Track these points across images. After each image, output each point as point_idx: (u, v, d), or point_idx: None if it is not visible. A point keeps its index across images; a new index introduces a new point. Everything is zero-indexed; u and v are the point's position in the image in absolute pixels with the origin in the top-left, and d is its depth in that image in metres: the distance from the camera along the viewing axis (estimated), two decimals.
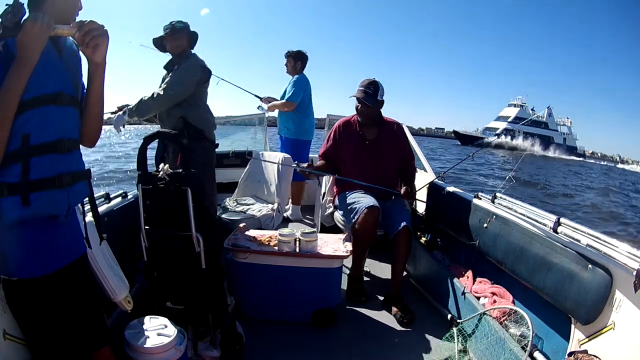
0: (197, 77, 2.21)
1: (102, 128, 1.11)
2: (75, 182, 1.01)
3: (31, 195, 0.90)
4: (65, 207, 0.98)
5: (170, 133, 1.57)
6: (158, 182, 1.39)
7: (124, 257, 1.61)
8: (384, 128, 2.37)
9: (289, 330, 1.85)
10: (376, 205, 2.11)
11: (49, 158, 0.94)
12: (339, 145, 2.40)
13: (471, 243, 1.98)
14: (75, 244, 1.08)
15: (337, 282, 1.97)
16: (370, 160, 2.33)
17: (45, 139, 0.93)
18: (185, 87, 2.18)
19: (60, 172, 0.96)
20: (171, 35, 2.19)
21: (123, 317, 1.46)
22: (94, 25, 0.91)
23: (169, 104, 2.19)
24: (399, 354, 1.72)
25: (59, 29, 0.90)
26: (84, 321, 1.05)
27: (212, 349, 1.55)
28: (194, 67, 2.21)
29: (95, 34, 0.91)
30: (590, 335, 1.27)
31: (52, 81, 0.95)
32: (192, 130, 2.20)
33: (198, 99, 2.28)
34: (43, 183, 0.92)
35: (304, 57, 3.49)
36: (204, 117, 2.30)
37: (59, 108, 0.96)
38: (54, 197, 0.95)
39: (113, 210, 1.78)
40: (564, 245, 1.42)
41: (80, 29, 0.90)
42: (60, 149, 0.96)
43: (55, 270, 0.97)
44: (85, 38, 0.91)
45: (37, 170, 0.91)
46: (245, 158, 3.47)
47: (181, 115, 2.20)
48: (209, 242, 1.45)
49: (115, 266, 1.46)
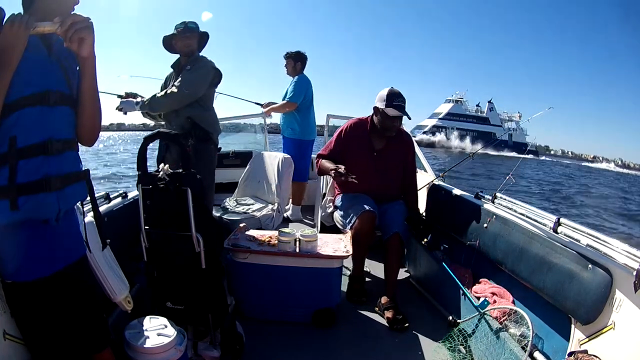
0: (210, 79, 2.21)
1: (99, 125, 1.07)
2: (66, 185, 0.97)
3: (20, 199, 0.88)
4: (55, 211, 0.95)
5: (170, 133, 1.56)
6: (158, 182, 1.39)
7: (124, 257, 1.61)
8: (394, 138, 2.30)
9: (289, 330, 1.85)
10: (371, 210, 2.12)
11: (36, 160, 0.91)
12: (345, 148, 2.33)
13: (471, 243, 1.98)
14: (74, 246, 1.05)
15: (337, 282, 1.97)
16: (376, 171, 2.28)
17: (32, 141, 0.90)
18: (199, 87, 2.17)
19: (49, 174, 0.93)
20: (183, 34, 2.19)
21: (123, 317, 1.46)
22: (77, 19, 0.86)
23: (181, 103, 2.18)
24: (399, 354, 1.72)
25: (40, 27, 0.85)
26: (84, 324, 1.04)
27: (212, 349, 1.55)
28: (208, 69, 2.21)
29: (78, 27, 0.85)
30: (590, 335, 1.27)
31: (39, 80, 0.91)
32: (199, 132, 2.20)
33: (207, 101, 2.28)
34: (31, 186, 0.89)
35: (304, 58, 3.49)
36: (211, 119, 2.30)
37: (46, 108, 0.92)
38: (42, 200, 0.92)
39: (113, 210, 1.78)
40: (564, 245, 1.42)
41: (62, 25, 0.85)
42: (49, 151, 0.92)
43: (50, 274, 0.95)
44: (68, 33, 0.85)
45: (24, 173, 0.89)
46: (245, 158, 3.47)
47: (189, 116, 2.20)
48: (209, 242, 1.45)
49: (115, 266, 1.46)
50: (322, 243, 1.96)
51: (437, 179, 2.65)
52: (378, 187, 2.28)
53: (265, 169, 3.31)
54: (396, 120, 2.18)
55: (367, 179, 2.23)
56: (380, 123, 2.22)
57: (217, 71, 2.25)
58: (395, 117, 2.17)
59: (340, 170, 2.08)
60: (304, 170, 3.56)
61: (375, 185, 2.28)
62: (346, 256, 1.89)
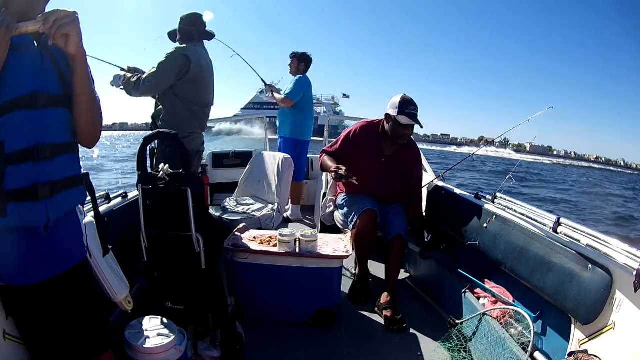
0: (177, 67, 2.19)
1: (99, 125, 1.00)
2: (56, 193, 0.92)
3: (8, 206, 0.85)
4: (43, 220, 0.90)
5: (170, 133, 1.56)
6: (158, 182, 1.39)
7: (124, 257, 1.61)
8: (403, 146, 2.27)
9: (289, 330, 1.85)
10: (373, 209, 2.12)
11: (24, 167, 0.86)
12: (354, 150, 2.29)
13: (471, 243, 1.98)
14: (73, 249, 1.02)
15: (337, 282, 1.97)
16: (383, 176, 2.27)
17: (20, 146, 0.86)
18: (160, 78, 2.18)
19: (37, 182, 0.88)
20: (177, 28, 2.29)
21: (123, 317, 1.46)
22: (60, 15, 0.80)
23: (144, 93, 2.21)
24: (399, 354, 1.72)
25: (23, 27, 0.80)
26: (84, 328, 1.01)
27: (212, 349, 1.55)
28: (171, 59, 2.20)
29: (61, 23, 0.80)
30: (590, 335, 1.26)
31: (27, 82, 0.87)
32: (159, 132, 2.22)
33: (182, 95, 2.25)
34: (19, 194, 0.86)
35: (308, 60, 3.53)
36: (179, 115, 2.25)
37: (33, 112, 0.87)
38: (29, 209, 0.88)
39: (113, 210, 1.78)
40: (564, 245, 1.42)
41: (45, 22, 0.79)
42: (37, 156, 0.87)
43: (46, 278, 0.93)
44: (52, 30, 0.79)
45: (11, 180, 0.85)
46: (246, 158, 3.48)
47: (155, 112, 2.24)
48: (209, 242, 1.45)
49: (116, 266, 1.45)
50: (322, 243, 1.96)
51: (437, 179, 2.65)
52: (383, 192, 2.28)
53: (266, 169, 3.30)
54: (408, 128, 2.15)
55: (373, 184, 2.22)
56: (391, 130, 2.19)
57: (186, 59, 2.20)
58: (407, 125, 2.14)
59: (340, 171, 2.05)
60: (301, 170, 3.60)
61: (380, 190, 2.28)
62: (346, 256, 1.89)
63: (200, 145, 2.43)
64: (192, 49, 2.24)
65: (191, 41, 2.28)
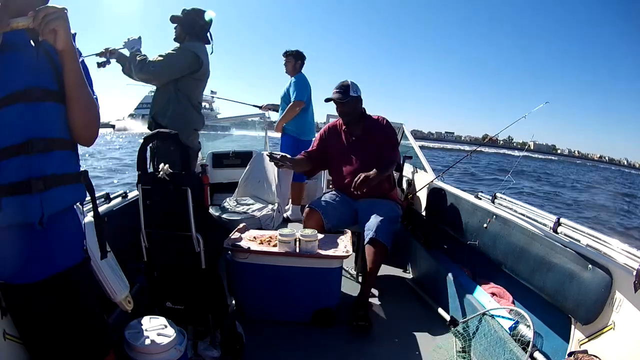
0: (186, 63, 2.19)
1: (95, 123, 1.00)
2: (50, 187, 0.91)
3: (3, 200, 0.85)
4: (38, 215, 0.89)
5: (170, 133, 1.56)
6: (158, 182, 1.39)
7: (124, 257, 1.61)
8: (369, 123, 2.38)
9: (289, 330, 1.85)
10: (314, 208, 2.23)
11: (17, 160, 0.86)
12: (326, 145, 2.44)
13: (471, 243, 1.98)
14: (71, 250, 1.00)
15: (336, 282, 1.97)
16: (357, 156, 2.34)
17: (14, 141, 0.86)
18: (166, 68, 2.17)
19: (30, 175, 0.88)
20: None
21: (123, 317, 1.46)
22: (49, 10, 0.81)
23: (144, 79, 2.20)
24: (399, 354, 1.72)
25: (14, 23, 0.81)
26: (83, 331, 1.00)
27: (212, 349, 1.55)
28: (180, 53, 2.19)
29: (49, 18, 0.81)
30: (590, 335, 1.27)
31: (21, 77, 0.87)
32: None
33: (187, 92, 2.25)
34: (13, 188, 0.86)
35: (303, 57, 3.51)
36: (189, 113, 2.26)
37: (27, 106, 0.87)
38: (23, 203, 0.87)
39: (113, 210, 1.78)
40: (564, 245, 1.42)
41: (35, 18, 0.80)
42: (30, 150, 0.87)
43: (42, 279, 0.92)
44: (40, 25, 0.81)
45: (7, 174, 0.85)
46: (246, 158, 3.48)
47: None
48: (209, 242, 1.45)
49: (115, 266, 1.45)
50: (322, 243, 1.96)
51: (437, 179, 2.65)
52: (361, 172, 2.14)
53: (266, 169, 3.30)
54: (340, 106, 2.31)
55: (350, 165, 2.33)
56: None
57: (196, 58, 2.21)
58: (338, 103, 2.31)
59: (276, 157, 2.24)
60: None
61: (359, 169, 2.21)
62: (346, 256, 1.89)
63: (199, 143, 2.48)
64: (202, 48, 2.25)
65: (198, 39, 2.28)
